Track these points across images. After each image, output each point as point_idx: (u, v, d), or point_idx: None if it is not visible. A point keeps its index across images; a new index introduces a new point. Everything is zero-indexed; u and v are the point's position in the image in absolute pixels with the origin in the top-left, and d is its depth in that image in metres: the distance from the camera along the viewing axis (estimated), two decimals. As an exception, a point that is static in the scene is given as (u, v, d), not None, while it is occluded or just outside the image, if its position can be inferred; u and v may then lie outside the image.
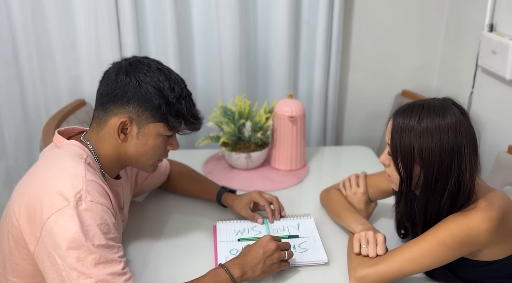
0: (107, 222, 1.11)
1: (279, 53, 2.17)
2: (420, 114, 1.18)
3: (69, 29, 2.04)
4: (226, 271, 1.21)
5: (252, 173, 1.90)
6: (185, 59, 2.16)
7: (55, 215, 1.06)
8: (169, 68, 1.25)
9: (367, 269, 1.22)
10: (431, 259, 1.18)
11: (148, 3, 2.05)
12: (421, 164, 1.18)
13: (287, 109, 1.86)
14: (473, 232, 1.14)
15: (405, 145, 1.18)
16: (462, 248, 1.16)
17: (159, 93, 1.19)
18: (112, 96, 1.19)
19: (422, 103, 1.21)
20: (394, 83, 2.38)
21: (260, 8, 2.14)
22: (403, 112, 1.21)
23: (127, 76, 1.19)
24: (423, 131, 1.16)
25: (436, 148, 1.15)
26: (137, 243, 1.46)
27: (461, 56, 2.17)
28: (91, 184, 1.12)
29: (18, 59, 2.03)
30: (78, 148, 1.21)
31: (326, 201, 1.60)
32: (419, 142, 1.16)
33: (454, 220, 1.16)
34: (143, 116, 1.19)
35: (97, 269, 1.05)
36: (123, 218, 1.40)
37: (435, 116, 1.16)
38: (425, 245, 1.17)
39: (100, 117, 1.22)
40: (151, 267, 1.36)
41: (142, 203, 1.68)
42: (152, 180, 1.61)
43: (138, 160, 1.26)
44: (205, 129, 2.11)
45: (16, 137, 2.12)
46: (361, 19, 2.28)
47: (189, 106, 1.24)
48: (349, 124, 2.51)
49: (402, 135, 1.19)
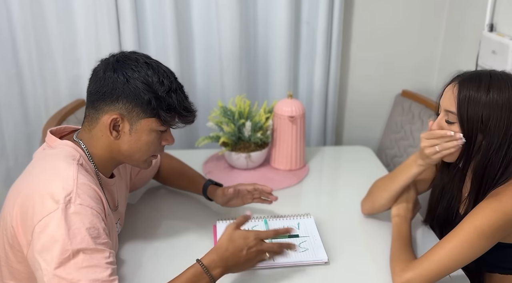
0: (97, 226, 1.09)
1: (279, 53, 2.18)
2: (489, 84, 1.18)
3: (69, 29, 2.04)
4: (206, 271, 1.17)
5: (252, 173, 1.90)
6: (185, 59, 2.16)
7: (45, 219, 1.05)
8: (158, 62, 1.23)
9: (410, 272, 1.20)
10: (473, 250, 1.16)
11: (148, 3, 2.05)
12: (485, 132, 1.18)
13: (287, 109, 1.86)
14: (508, 216, 1.14)
15: (473, 114, 1.18)
16: (499, 233, 1.16)
17: (148, 88, 1.17)
18: (101, 93, 1.18)
19: (489, 72, 1.22)
20: (394, 83, 2.38)
21: (260, 8, 2.14)
22: (470, 79, 1.21)
23: (114, 73, 1.17)
24: (492, 102, 1.17)
25: (503, 120, 1.17)
26: (135, 243, 1.46)
27: (461, 56, 2.17)
28: (82, 186, 1.11)
29: (18, 59, 2.03)
30: (71, 148, 1.20)
31: (372, 188, 1.56)
32: (487, 112, 1.17)
33: (489, 206, 1.16)
34: (134, 112, 1.18)
35: (79, 273, 1.02)
36: (119, 216, 1.39)
37: (504, 88, 1.18)
38: (464, 237, 1.16)
39: (91, 115, 1.21)
40: (150, 267, 1.36)
41: (141, 203, 1.68)
42: (144, 174, 1.61)
43: (132, 157, 1.24)
44: (205, 129, 2.12)
45: (16, 138, 2.12)
46: (361, 19, 2.28)
47: (181, 99, 1.21)
48: (349, 124, 2.51)
49: (470, 104, 1.18)
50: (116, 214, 1.35)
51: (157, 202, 1.68)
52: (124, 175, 1.48)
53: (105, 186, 1.27)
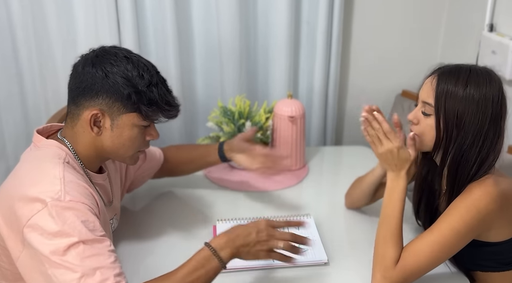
0: (92, 219, 1.07)
1: (279, 53, 2.17)
2: (467, 79, 1.18)
3: (69, 29, 2.03)
4: (214, 253, 1.13)
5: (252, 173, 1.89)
6: (185, 59, 2.15)
7: (33, 218, 1.04)
8: (138, 56, 1.21)
9: (390, 271, 1.20)
10: (451, 250, 1.18)
11: (148, 3, 2.05)
12: (461, 127, 1.18)
13: (287, 109, 1.86)
14: (481, 213, 1.15)
15: (450, 108, 1.18)
16: (474, 231, 1.17)
17: (128, 82, 1.15)
18: (81, 89, 1.17)
19: (468, 67, 1.22)
20: (394, 83, 2.38)
21: (260, 8, 2.14)
22: (450, 73, 1.21)
23: (93, 68, 1.16)
24: (469, 97, 1.17)
25: (478, 115, 1.17)
26: (134, 243, 1.46)
27: (461, 56, 2.16)
28: (70, 184, 1.10)
29: (18, 59, 2.03)
30: (56, 148, 1.19)
31: (349, 189, 1.61)
32: (463, 107, 1.17)
33: (462, 204, 1.17)
34: (115, 108, 1.17)
35: (83, 262, 1.01)
36: (115, 211, 1.38)
37: (481, 83, 1.18)
38: (440, 236, 1.17)
39: (72, 112, 1.20)
40: (149, 267, 1.36)
41: (140, 203, 1.68)
42: (147, 167, 1.58)
43: (116, 153, 1.23)
44: (205, 129, 2.12)
45: (16, 137, 2.11)
46: (361, 19, 2.28)
47: (162, 93, 1.19)
48: (349, 124, 2.51)
49: (447, 98, 1.19)
50: (111, 210, 1.34)
51: (156, 202, 1.68)
52: (119, 170, 1.46)
53: (95, 181, 1.25)
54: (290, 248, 1.19)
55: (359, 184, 1.56)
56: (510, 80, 1.78)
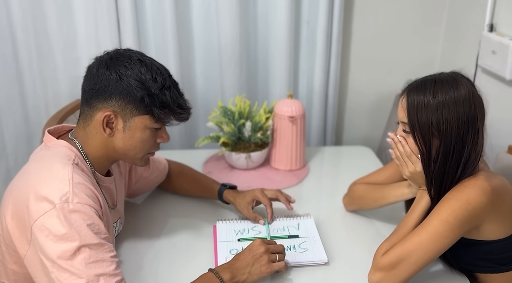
0: (97, 222, 1.10)
1: (279, 53, 2.17)
2: (434, 89, 1.20)
3: (69, 29, 2.04)
4: (216, 274, 1.20)
5: (252, 173, 1.90)
6: (185, 59, 2.16)
7: (41, 218, 1.06)
8: (152, 59, 1.23)
9: (378, 259, 1.22)
10: (441, 241, 1.17)
11: (148, 3, 2.05)
12: (440, 136, 1.19)
13: (287, 109, 1.86)
14: (471, 205, 1.16)
15: (423, 120, 1.20)
16: (465, 224, 1.17)
17: (141, 85, 1.17)
18: (94, 91, 1.18)
19: (433, 78, 1.23)
20: (394, 83, 2.37)
21: (260, 8, 2.14)
22: (416, 88, 1.23)
23: (107, 70, 1.17)
24: (439, 105, 1.18)
25: (454, 120, 1.18)
26: (135, 243, 1.46)
27: (461, 56, 2.17)
28: (78, 186, 1.11)
29: (18, 59, 2.03)
30: (66, 148, 1.20)
31: (358, 193, 1.57)
32: (436, 116, 1.18)
33: (453, 197, 1.18)
34: (127, 110, 1.18)
35: (87, 269, 1.04)
36: (119, 215, 1.39)
37: (449, 89, 1.19)
38: (431, 229, 1.17)
39: (85, 113, 1.22)
40: (149, 267, 1.36)
41: (140, 204, 1.68)
42: (149, 179, 1.60)
43: (126, 154, 1.25)
44: (205, 129, 2.12)
45: (16, 138, 2.12)
46: (361, 19, 2.28)
47: (174, 96, 1.21)
48: (349, 124, 2.51)
49: (419, 111, 1.20)
50: (115, 213, 1.36)
51: (157, 202, 1.68)
52: (123, 175, 1.48)
53: (102, 184, 1.27)
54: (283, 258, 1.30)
55: (377, 198, 1.49)
56: (510, 80, 1.78)
